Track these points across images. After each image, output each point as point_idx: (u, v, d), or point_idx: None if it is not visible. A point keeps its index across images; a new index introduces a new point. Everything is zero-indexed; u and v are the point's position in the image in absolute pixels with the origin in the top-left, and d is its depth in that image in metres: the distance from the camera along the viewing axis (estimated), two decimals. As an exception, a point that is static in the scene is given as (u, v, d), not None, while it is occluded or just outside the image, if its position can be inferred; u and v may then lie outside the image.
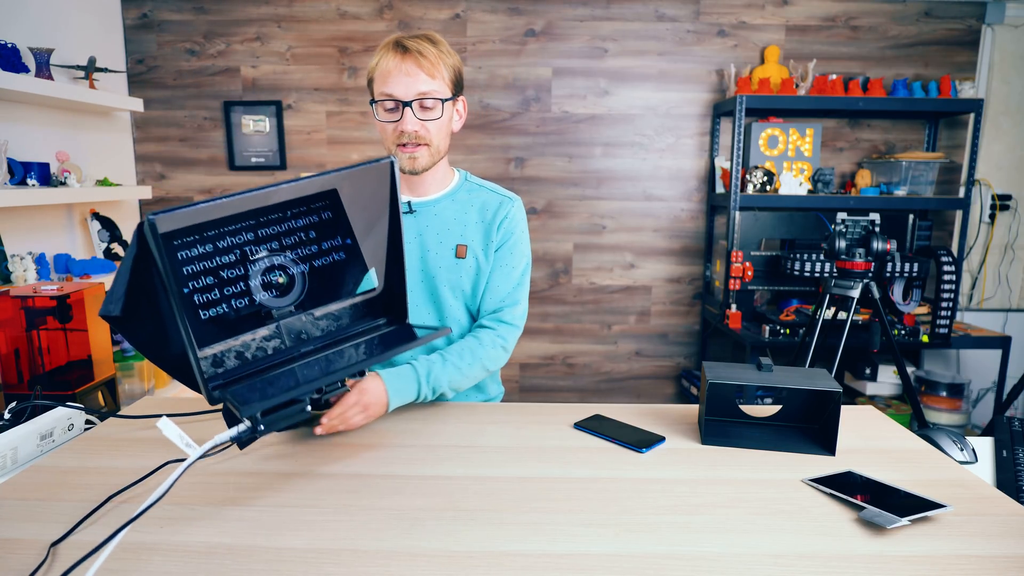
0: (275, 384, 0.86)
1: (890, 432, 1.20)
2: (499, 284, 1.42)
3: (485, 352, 1.36)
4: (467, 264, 1.39)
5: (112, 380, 1.57)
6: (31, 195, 2.11)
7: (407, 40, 1.27)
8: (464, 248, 1.38)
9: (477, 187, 1.45)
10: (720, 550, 0.81)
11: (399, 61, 1.26)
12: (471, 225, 1.40)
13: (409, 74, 1.25)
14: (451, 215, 1.40)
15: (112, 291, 0.84)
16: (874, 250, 2.44)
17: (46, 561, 0.76)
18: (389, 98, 1.27)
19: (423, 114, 1.28)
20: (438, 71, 1.27)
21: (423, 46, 1.26)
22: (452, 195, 1.42)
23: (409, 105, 1.26)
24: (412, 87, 1.26)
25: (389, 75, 1.26)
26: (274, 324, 0.97)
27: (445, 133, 1.34)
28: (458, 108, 1.38)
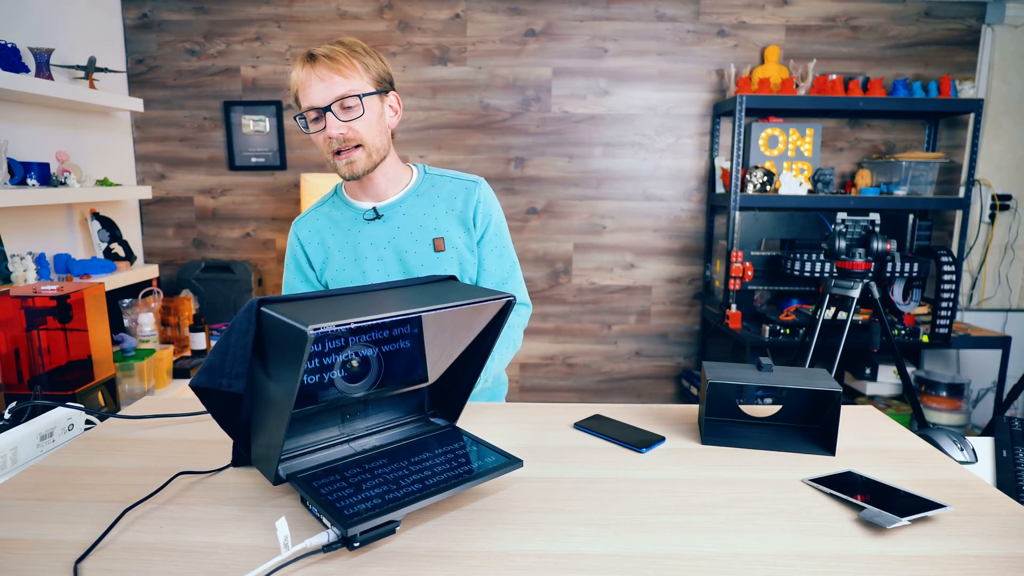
0: (362, 491, 0.86)
1: (890, 432, 1.20)
2: (495, 268, 1.43)
3: (510, 334, 1.41)
4: (448, 256, 1.38)
5: (112, 380, 1.57)
6: (31, 195, 2.11)
7: (316, 48, 1.27)
8: (441, 240, 1.38)
9: (439, 177, 1.44)
10: (720, 550, 0.81)
11: (310, 70, 1.25)
12: (442, 217, 1.39)
13: (322, 79, 1.24)
14: (420, 211, 1.39)
15: (226, 367, 0.86)
16: (874, 250, 2.44)
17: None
18: (310, 108, 1.26)
19: (345, 115, 1.26)
20: (352, 70, 1.26)
21: (331, 49, 1.26)
22: (416, 191, 1.41)
23: (329, 109, 1.25)
24: (328, 91, 1.25)
25: (304, 86, 1.26)
26: (338, 408, 1.00)
27: (377, 131, 1.31)
28: (390, 104, 1.35)
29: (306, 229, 1.43)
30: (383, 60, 1.33)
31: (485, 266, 1.42)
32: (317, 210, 1.45)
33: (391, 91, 1.35)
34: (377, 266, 1.38)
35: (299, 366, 0.75)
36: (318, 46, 1.28)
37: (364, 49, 1.30)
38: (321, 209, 1.45)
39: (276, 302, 0.84)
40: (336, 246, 1.40)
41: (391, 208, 1.39)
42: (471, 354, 1.05)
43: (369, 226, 1.38)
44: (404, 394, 1.08)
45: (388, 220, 1.38)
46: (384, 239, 1.38)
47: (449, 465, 0.93)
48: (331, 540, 0.77)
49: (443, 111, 3.09)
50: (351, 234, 1.39)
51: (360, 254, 1.38)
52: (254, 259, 3.21)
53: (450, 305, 0.88)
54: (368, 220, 1.38)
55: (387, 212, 1.39)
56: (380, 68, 1.31)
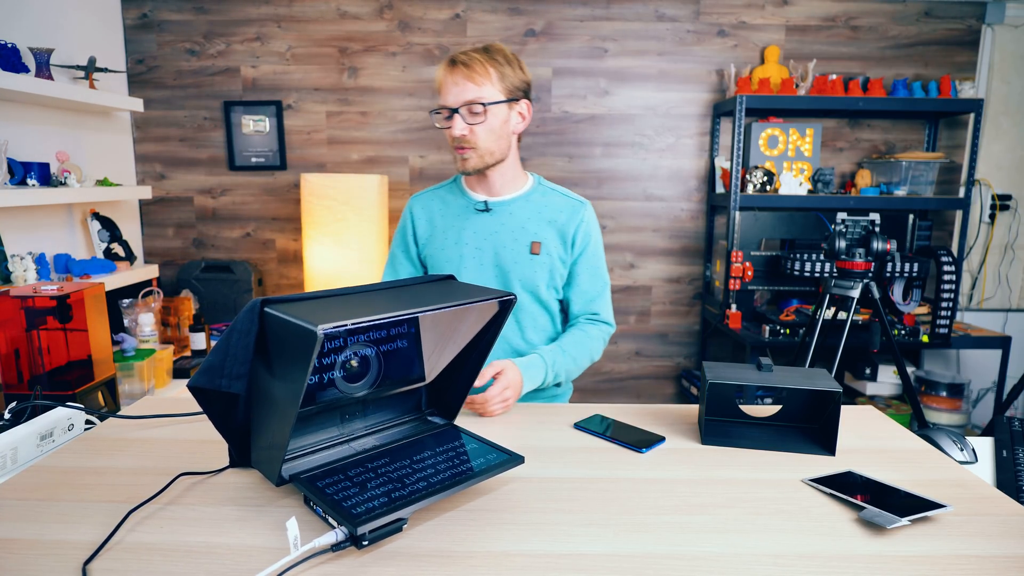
0: (367, 490, 0.85)
1: (890, 432, 1.20)
2: (587, 287, 1.53)
3: (593, 345, 1.50)
4: (541, 260, 1.48)
5: (112, 380, 1.57)
6: (31, 195, 2.11)
7: (458, 54, 1.40)
8: (538, 245, 1.48)
9: (550, 190, 1.54)
10: (720, 550, 0.81)
11: (448, 73, 1.40)
12: (544, 225, 1.49)
13: (456, 84, 1.38)
14: (525, 215, 1.50)
15: (226, 368, 0.86)
16: (874, 250, 2.44)
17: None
18: (442, 107, 1.41)
19: (471, 119, 1.39)
20: (485, 79, 1.38)
21: (471, 57, 1.38)
22: (526, 196, 1.52)
23: (456, 112, 1.39)
24: (459, 96, 1.38)
25: (441, 87, 1.41)
26: (337, 408, 1.00)
27: (496, 136, 1.42)
28: (519, 111, 1.46)
29: (420, 205, 1.57)
30: (523, 69, 1.45)
31: (578, 283, 1.52)
32: (434, 191, 1.59)
33: (523, 99, 1.46)
34: (474, 254, 1.49)
35: (307, 366, 0.75)
36: (463, 51, 1.41)
37: (505, 58, 1.41)
38: (438, 191, 1.58)
39: (279, 302, 0.84)
40: (443, 227, 1.52)
41: (501, 205, 1.50)
42: (468, 353, 1.05)
43: (477, 216, 1.50)
44: (402, 393, 1.08)
45: (495, 215, 1.50)
46: (487, 231, 1.49)
47: (451, 463, 0.93)
48: (340, 539, 0.78)
49: (443, 111, 3.09)
50: (459, 220, 1.51)
51: (462, 240, 1.49)
52: (254, 259, 3.21)
53: (451, 304, 0.89)
54: (478, 211, 1.50)
55: (496, 208, 1.50)
56: (516, 77, 1.42)
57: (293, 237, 3.19)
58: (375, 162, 3.13)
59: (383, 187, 2.88)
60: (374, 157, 3.12)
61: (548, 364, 1.40)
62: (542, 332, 1.53)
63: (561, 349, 1.45)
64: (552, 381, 1.43)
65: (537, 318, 1.51)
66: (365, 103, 3.08)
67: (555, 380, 1.44)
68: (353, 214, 2.75)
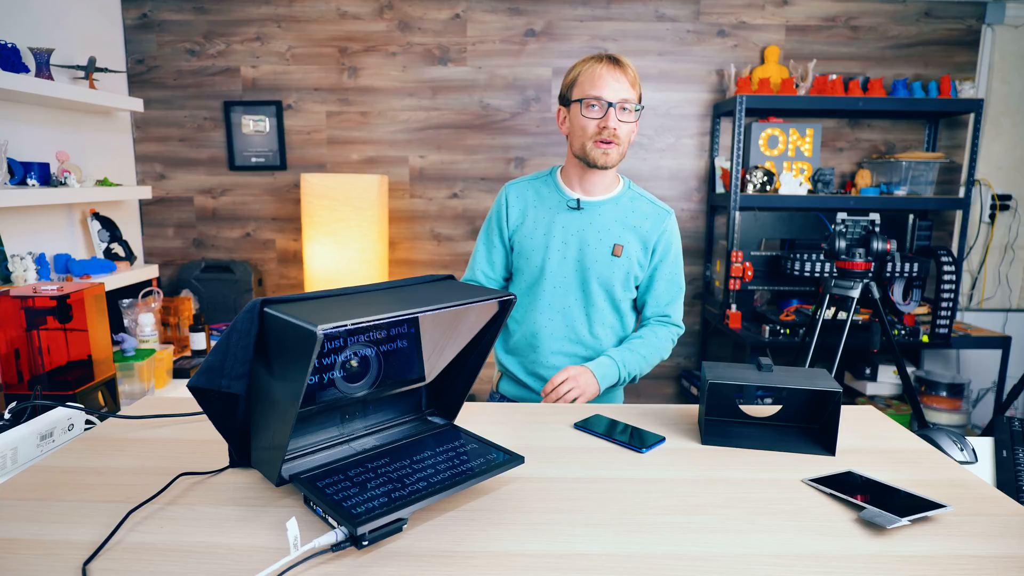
0: (367, 490, 0.85)
1: (890, 432, 1.20)
2: (663, 292, 1.61)
3: (662, 345, 1.60)
4: (621, 263, 1.55)
5: (112, 380, 1.57)
6: (31, 195, 2.11)
7: (614, 55, 1.48)
8: (620, 248, 1.54)
9: (638, 195, 1.61)
10: (720, 550, 0.81)
11: (610, 68, 1.45)
12: (629, 229, 1.56)
13: (618, 80, 1.45)
14: (613, 217, 1.56)
15: (226, 368, 0.86)
16: (874, 250, 2.44)
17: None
18: (596, 99, 1.45)
19: (622, 116, 1.47)
20: (635, 86, 1.48)
21: (625, 62, 1.47)
22: (616, 200, 1.58)
23: (613, 106, 1.45)
24: (619, 92, 1.45)
25: (600, 79, 1.45)
26: (337, 408, 1.00)
27: (630, 140, 1.52)
28: (638, 121, 1.54)
29: (515, 193, 1.62)
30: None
31: (655, 288, 1.61)
32: (530, 181, 1.64)
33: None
34: (560, 248, 1.55)
35: (306, 367, 0.75)
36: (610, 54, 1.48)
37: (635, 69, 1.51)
38: (534, 182, 1.63)
39: (279, 303, 0.84)
40: (534, 217, 1.58)
41: (592, 205, 1.57)
42: (468, 353, 1.05)
43: (568, 213, 1.56)
44: (402, 393, 1.08)
45: (585, 214, 1.56)
46: (575, 228, 1.55)
47: (451, 463, 0.93)
48: (340, 539, 0.78)
49: (443, 111, 3.09)
50: (550, 213, 1.57)
51: (550, 232, 1.56)
52: (254, 259, 3.21)
53: (451, 304, 0.89)
54: (570, 208, 1.56)
55: (587, 207, 1.56)
56: (640, 88, 1.53)
57: (293, 237, 3.19)
58: (375, 162, 3.13)
59: (383, 187, 2.88)
60: (374, 157, 3.12)
61: (619, 362, 1.51)
62: (609, 329, 1.60)
63: (630, 348, 1.55)
64: (626, 378, 1.54)
65: (607, 315, 1.59)
66: (365, 103, 3.08)
67: (628, 377, 1.54)
68: (353, 214, 2.75)
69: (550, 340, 1.58)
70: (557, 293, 1.56)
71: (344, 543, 0.77)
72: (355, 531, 0.76)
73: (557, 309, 1.57)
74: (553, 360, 1.59)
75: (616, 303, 1.59)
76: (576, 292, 1.57)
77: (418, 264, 3.23)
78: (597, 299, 1.56)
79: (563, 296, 1.56)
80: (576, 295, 1.57)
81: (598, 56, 1.48)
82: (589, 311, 1.57)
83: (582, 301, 1.57)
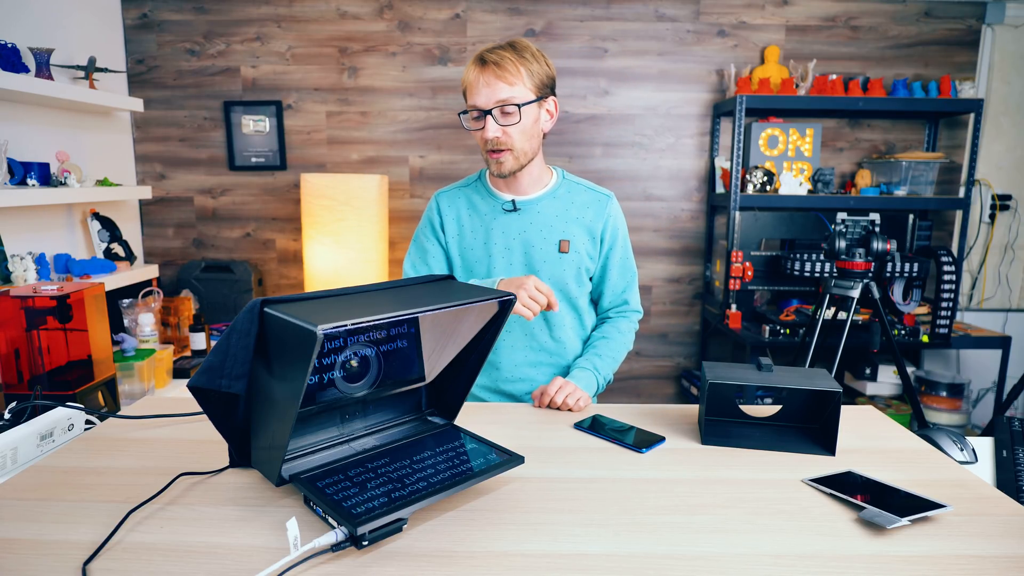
0: (367, 490, 0.85)
1: (890, 432, 1.20)
2: (617, 280, 1.54)
3: (626, 338, 1.54)
4: (570, 259, 1.47)
5: (112, 380, 1.57)
6: (31, 195, 2.11)
7: (487, 52, 1.35)
8: (567, 243, 1.47)
9: (575, 184, 1.53)
10: (720, 550, 0.81)
11: (479, 73, 1.35)
12: (572, 221, 1.48)
13: (488, 84, 1.33)
14: (553, 212, 1.49)
15: (226, 368, 0.86)
16: (874, 250, 2.44)
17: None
18: (473, 108, 1.37)
19: (504, 120, 1.35)
20: (517, 78, 1.34)
21: (501, 56, 1.33)
22: (553, 193, 1.50)
23: (489, 113, 1.35)
24: (491, 96, 1.34)
25: (472, 87, 1.36)
26: (337, 408, 1.00)
27: (529, 135, 1.39)
28: (548, 108, 1.43)
29: (447, 202, 1.54)
30: (549, 64, 1.40)
31: (608, 277, 1.53)
32: (459, 189, 1.56)
33: (551, 96, 1.42)
34: (503, 254, 1.48)
35: (306, 366, 0.75)
36: (490, 49, 1.35)
37: (532, 55, 1.36)
38: (463, 190, 1.55)
39: (279, 303, 0.84)
40: (470, 227, 1.51)
41: (529, 204, 1.49)
42: (468, 353, 1.05)
43: (505, 216, 1.48)
44: (402, 393, 1.08)
45: (523, 214, 1.48)
46: (516, 231, 1.48)
47: (451, 463, 0.93)
48: (339, 539, 0.78)
49: (443, 111, 3.09)
50: (486, 220, 1.49)
51: (490, 239, 1.48)
52: (254, 259, 3.21)
53: (451, 305, 0.89)
54: (506, 211, 1.48)
55: (524, 207, 1.48)
56: (544, 73, 1.38)
57: (293, 237, 3.19)
58: (375, 162, 3.13)
59: (383, 187, 2.88)
60: (374, 157, 3.12)
61: (593, 370, 1.45)
62: (570, 330, 1.53)
63: (598, 354, 1.49)
64: (604, 385, 1.48)
65: (565, 316, 1.51)
66: (365, 103, 3.08)
67: (606, 383, 1.49)
68: (353, 214, 2.75)
69: (511, 352, 1.51)
70: None
71: (344, 543, 0.77)
72: (355, 531, 0.76)
73: (512, 319, 1.48)
74: (518, 373, 1.51)
75: (572, 301, 1.51)
76: None
77: (418, 264, 3.22)
78: None
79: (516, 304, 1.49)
80: None
81: (475, 58, 1.36)
82: (546, 315, 1.49)
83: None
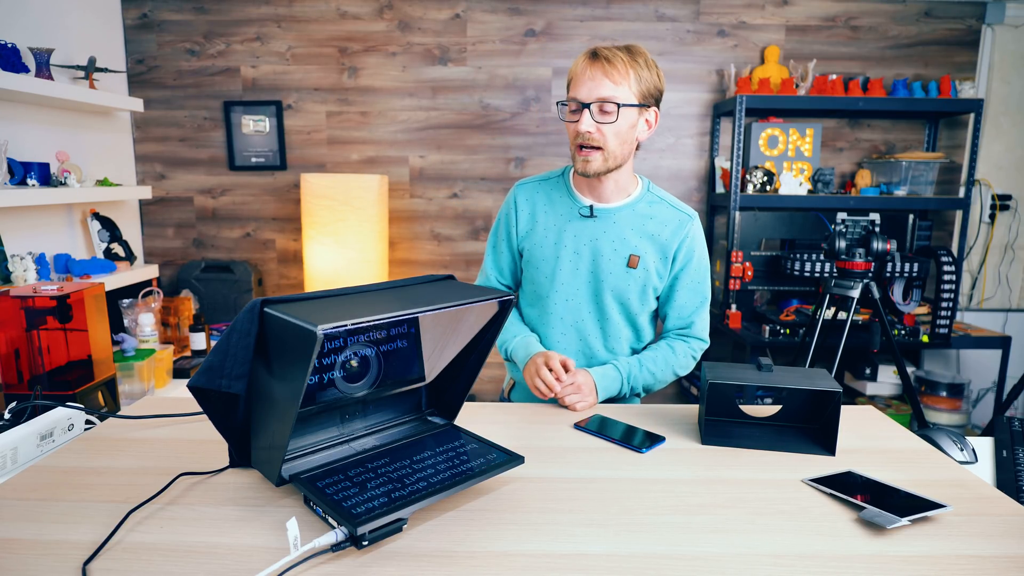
0: (367, 490, 0.85)
1: (890, 432, 1.20)
2: (685, 302, 1.48)
3: (677, 361, 1.48)
4: (637, 275, 1.43)
5: (112, 380, 1.57)
6: (31, 195, 2.11)
7: (601, 48, 1.33)
8: (636, 259, 1.43)
9: (658, 200, 1.47)
10: (720, 550, 0.81)
11: (586, 66, 1.32)
12: (647, 237, 1.44)
13: (593, 79, 1.30)
14: (629, 224, 1.44)
15: (226, 368, 0.86)
16: (874, 250, 2.44)
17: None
18: (573, 100, 1.34)
19: (601, 117, 1.32)
20: (624, 78, 1.30)
21: (614, 53, 1.31)
22: (633, 205, 1.45)
23: (588, 107, 1.31)
24: (594, 91, 1.30)
25: (577, 78, 1.33)
26: (337, 408, 1.00)
27: (623, 140, 1.35)
28: (647, 118, 1.39)
29: (524, 196, 1.51)
30: (659, 76, 1.37)
31: (676, 297, 1.48)
32: (541, 183, 1.53)
33: (653, 107, 1.39)
34: (572, 258, 1.45)
35: (306, 366, 0.75)
36: (606, 46, 1.33)
37: (646, 62, 1.34)
38: (544, 184, 1.52)
39: (279, 303, 0.84)
40: (544, 223, 1.48)
41: (607, 212, 1.44)
42: (468, 353, 1.05)
43: (580, 220, 1.45)
44: (402, 393, 1.08)
45: (599, 221, 1.44)
46: (588, 237, 1.44)
47: (451, 463, 0.93)
48: (339, 539, 0.78)
49: (443, 111, 3.09)
50: (561, 219, 1.46)
51: (561, 240, 1.45)
52: (254, 259, 3.21)
53: (451, 305, 0.89)
54: (582, 216, 1.45)
55: (601, 215, 1.44)
56: (652, 83, 1.35)
57: (293, 237, 3.19)
58: (375, 162, 3.13)
59: (383, 187, 2.88)
60: (374, 157, 3.12)
61: (624, 375, 1.41)
62: (625, 343, 1.50)
63: (640, 363, 1.44)
64: (629, 392, 1.44)
65: (622, 329, 1.48)
66: (365, 103, 3.08)
67: (632, 392, 1.44)
68: (353, 214, 2.75)
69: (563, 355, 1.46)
70: (569, 306, 1.46)
71: (344, 543, 0.77)
72: (355, 531, 0.76)
73: (569, 323, 1.47)
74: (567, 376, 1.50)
75: (632, 317, 1.47)
76: (589, 305, 1.46)
77: (418, 264, 3.23)
78: (612, 313, 1.45)
79: (575, 309, 1.46)
80: (589, 308, 1.46)
81: (587, 52, 1.34)
82: (603, 325, 1.47)
83: (595, 315, 1.47)
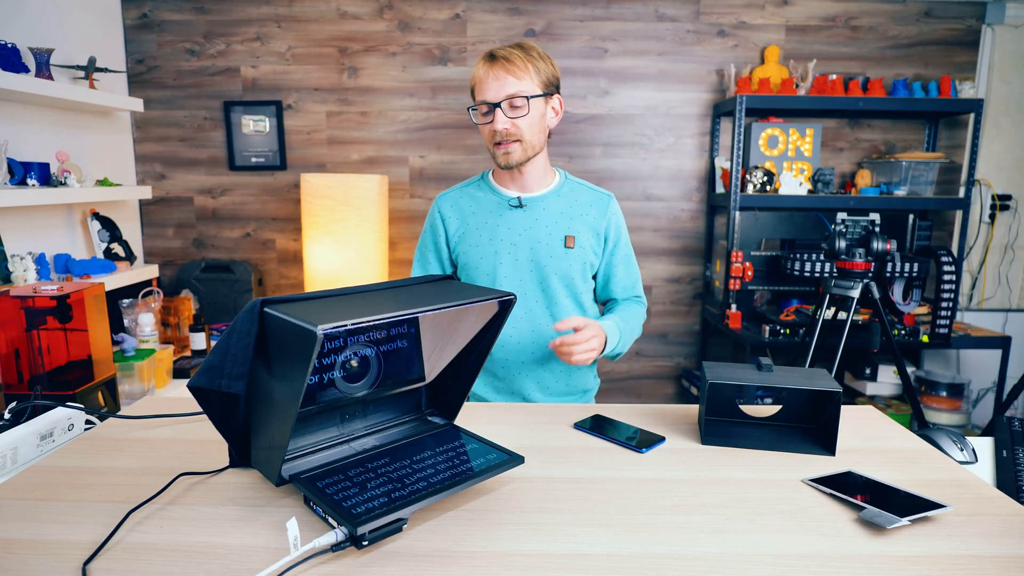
0: (367, 490, 0.85)
1: (890, 432, 1.20)
2: (623, 276, 1.59)
3: (642, 320, 1.60)
4: (575, 254, 1.51)
5: (112, 380, 1.57)
6: (31, 195, 2.11)
7: (497, 49, 1.42)
8: (572, 239, 1.51)
9: (577, 184, 1.59)
10: (720, 550, 0.81)
11: (488, 68, 1.41)
12: (576, 219, 1.52)
13: (497, 78, 1.40)
14: (558, 209, 1.52)
15: (226, 368, 0.86)
16: (874, 250, 2.44)
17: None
18: (483, 103, 1.42)
19: (512, 113, 1.41)
20: (525, 73, 1.40)
21: (510, 52, 1.41)
22: (557, 191, 1.55)
23: (498, 106, 1.40)
24: (501, 90, 1.40)
25: (481, 82, 1.42)
26: (337, 408, 1.00)
27: (537, 129, 1.45)
28: (553, 106, 1.49)
29: (449, 204, 1.58)
30: (554, 65, 1.48)
31: (615, 274, 1.58)
32: (461, 189, 1.60)
33: (556, 94, 1.49)
34: (510, 250, 1.51)
35: (306, 366, 0.75)
36: (499, 47, 1.43)
37: (539, 54, 1.44)
38: (465, 189, 1.60)
39: (279, 303, 0.84)
40: (475, 224, 1.54)
41: (535, 200, 1.53)
42: (468, 353, 1.05)
43: (511, 212, 1.52)
44: (402, 393, 1.08)
45: (529, 210, 1.52)
46: (522, 226, 1.51)
47: (451, 463, 0.93)
48: (339, 539, 0.78)
49: (443, 111, 3.09)
50: (492, 216, 1.53)
51: (496, 235, 1.51)
52: (254, 259, 3.21)
53: (451, 304, 0.89)
54: (512, 207, 1.52)
55: (530, 203, 1.52)
56: (550, 72, 1.46)
57: (293, 237, 3.19)
58: (375, 162, 3.13)
59: (383, 187, 2.88)
60: (374, 157, 3.12)
61: (620, 329, 1.47)
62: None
63: (621, 317, 1.51)
64: (622, 349, 1.50)
65: (570, 311, 1.54)
66: (365, 103, 3.08)
67: (623, 348, 1.50)
68: (353, 214, 2.75)
69: (518, 349, 1.52)
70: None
71: (344, 543, 0.77)
72: (355, 531, 0.76)
73: (519, 315, 1.51)
74: (525, 370, 1.53)
75: (577, 296, 1.54)
76: (535, 292, 1.51)
77: (418, 264, 3.23)
78: (559, 295, 1.51)
79: (523, 299, 1.51)
80: (536, 295, 1.51)
81: (483, 55, 1.43)
82: (552, 310, 1.52)
83: (543, 301, 1.52)
